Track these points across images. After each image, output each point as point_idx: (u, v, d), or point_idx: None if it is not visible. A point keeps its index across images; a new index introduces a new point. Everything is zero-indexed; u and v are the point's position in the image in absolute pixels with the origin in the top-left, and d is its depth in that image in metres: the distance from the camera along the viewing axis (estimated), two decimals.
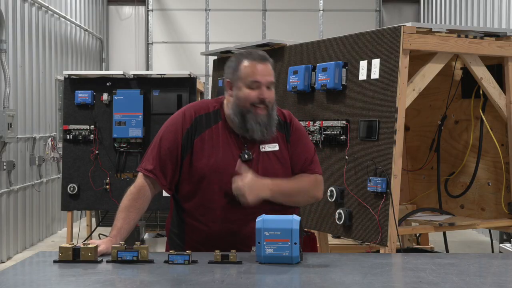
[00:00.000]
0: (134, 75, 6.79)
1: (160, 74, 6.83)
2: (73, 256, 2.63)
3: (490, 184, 4.38)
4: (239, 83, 2.92)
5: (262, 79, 2.90)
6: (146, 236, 7.31)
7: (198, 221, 2.96)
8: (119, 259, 2.62)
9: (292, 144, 3.02)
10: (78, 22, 11.06)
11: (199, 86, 7.29)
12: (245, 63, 2.93)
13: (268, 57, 2.98)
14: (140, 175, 2.97)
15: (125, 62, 13.02)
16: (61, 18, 10.12)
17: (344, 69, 4.06)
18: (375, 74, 3.85)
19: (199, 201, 2.94)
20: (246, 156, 2.92)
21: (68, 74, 6.86)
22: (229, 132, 2.95)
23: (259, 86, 2.90)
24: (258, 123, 2.90)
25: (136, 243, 2.65)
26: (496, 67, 4.18)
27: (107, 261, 2.63)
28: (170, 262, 2.59)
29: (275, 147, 2.98)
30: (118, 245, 2.65)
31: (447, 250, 5.00)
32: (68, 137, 6.69)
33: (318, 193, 3.08)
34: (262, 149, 2.96)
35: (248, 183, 2.83)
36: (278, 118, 3.02)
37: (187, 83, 6.59)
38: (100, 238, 7.55)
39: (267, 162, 2.95)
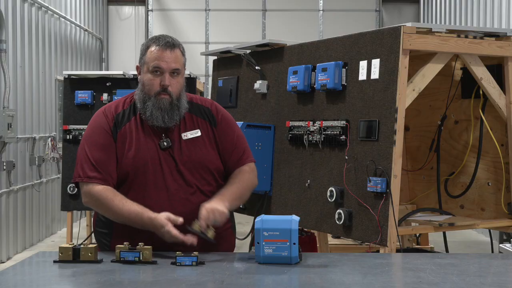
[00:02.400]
0: (134, 75, 6.79)
1: None
2: (73, 256, 2.63)
3: (490, 184, 4.38)
4: (145, 67, 2.97)
5: (164, 66, 2.92)
6: None
7: None
8: (121, 259, 2.62)
9: (221, 132, 3.04)
10: (78, 22, 11.06)
11: (199, 86, 7.30)
12: (152, 48, 2.96)
13: (177, 44, 2.97)
14: (86, 186, 2.90)
15: (125, 62, 13.01)
16: (61, 18, 10.12)
17: (344, 69, 4.06)
18: (375, 74, 3.85)
19: (126, 194, 2.90)
20: (165, 143, 2.95)
21: (68, 74, 6.87)
22: (145, 124, 2.97)
23: (162, 72, 2.93)
24: (160, 108, 2.92)
25: (140, 244, 2.65)
26: (496, 67, 4.18)
27: (112, 261, 2.63)
28: (177, 264, 2.58)
29: (196, 133, 3.00)
30: (122, 245, 2.65)
31: (447, 250, 5.00)
32: (68, 137, 6.69)
33: (256, 181, 3.14)
34: (184, 137, 2.97)
35: (213, 216, 2.80)
36: (198, 105, 3.07)
37: (187, 83, 6.58)
38: None
39: (191, 149, 2.96)
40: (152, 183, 2.91)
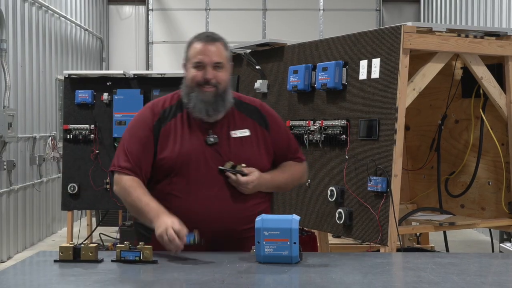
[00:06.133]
0: (134, 74, 6.80)
1: (160, 74, 6.83)
2: (74, 256, 2.63)
3: (490, 183, 4.38)
4: (188, 64, 2.97)
5: (205, 59, 2.91)
6: None
7: (167, 210, 2.88)
8: (122, 259, 2.62)
9: (274, 133, 3.03)
10: (78, 22, 11.06)
11: None
12: (194, 44, 2.96)
13: (218, 38, 2.97)
14: (117, 175, 2.95)
15: (125, 62, 13.00)
16: (61, 17, 10.12)
17: (344, 69, 4.06)
18: (375, 74, 3.85)
19: (167, 189, 2.91)
20: (211, 139, 2.92)
21: (68, 74, 6.87)
22: (192, 120, 2.96)
23: (204, 66, 2.92)
24: (203, 101, 2.91)
25: (140, 243, 2.65)
26: (496, 67, 4.18)
27: (112, 260, 2.63)
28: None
29: (245, 132, 2.98)
30: (123, 245, 2.65)
31: (447, 250, 4.99)
32: (68, 137, 6.70)
33: (304, 179, 3.23)
34: (233, 135, 2.96)
35: (257, 180, 2.88)
36: (247, 104, 3.06)
37: None
38: (100, 238, 7.56)
39: (239, 148, 2.94)
40: (194, 179, 2.88)
